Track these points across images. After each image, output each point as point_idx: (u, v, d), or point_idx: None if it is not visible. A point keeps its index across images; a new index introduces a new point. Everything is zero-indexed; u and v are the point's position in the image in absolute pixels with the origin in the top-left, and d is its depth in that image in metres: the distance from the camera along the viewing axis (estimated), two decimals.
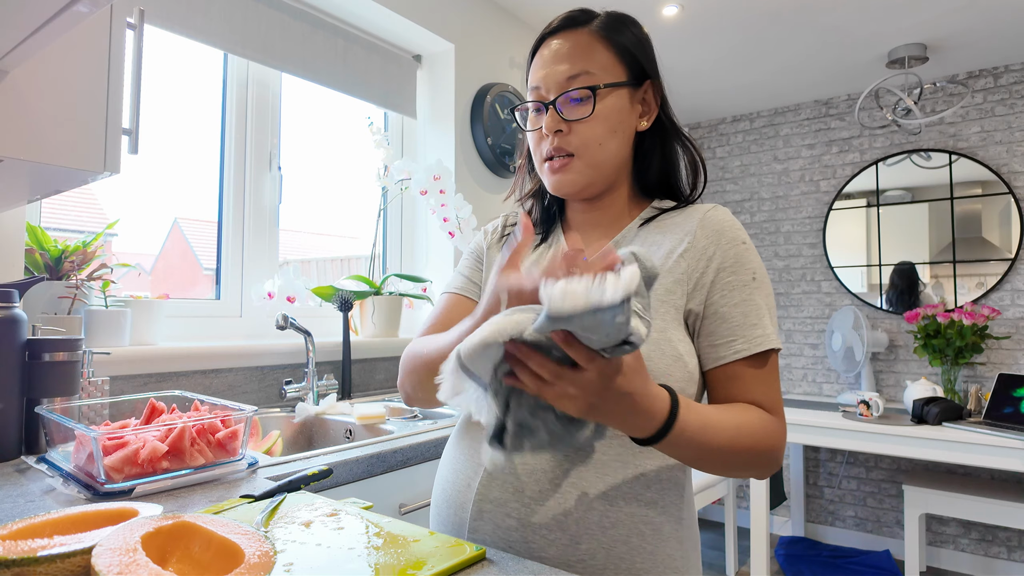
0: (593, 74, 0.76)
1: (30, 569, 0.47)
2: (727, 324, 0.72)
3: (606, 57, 0.77)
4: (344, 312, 1.76)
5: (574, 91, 0.76)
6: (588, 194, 0.81)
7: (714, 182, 3.61)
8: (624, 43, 0.78)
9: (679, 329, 0.73)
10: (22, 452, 1.00)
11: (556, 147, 0.78)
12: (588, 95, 0.76)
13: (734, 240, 0.75)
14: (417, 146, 2.28)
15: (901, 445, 2.25)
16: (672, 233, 0.78)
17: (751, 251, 0.76)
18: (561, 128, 0.77)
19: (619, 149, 0.79)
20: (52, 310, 1.24)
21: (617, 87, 0.77)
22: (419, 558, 0.58)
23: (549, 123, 0.77)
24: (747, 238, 0.77)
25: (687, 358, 0.72)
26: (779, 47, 2.66)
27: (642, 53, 0.80)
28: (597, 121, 0.76)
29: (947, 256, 2.93)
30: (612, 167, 0.80)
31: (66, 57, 0.81)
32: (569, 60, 0.77)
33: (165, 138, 1.64)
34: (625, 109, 0.78)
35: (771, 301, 0.75)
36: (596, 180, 0.79)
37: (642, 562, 0.70)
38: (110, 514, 0.59)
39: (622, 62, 0.78)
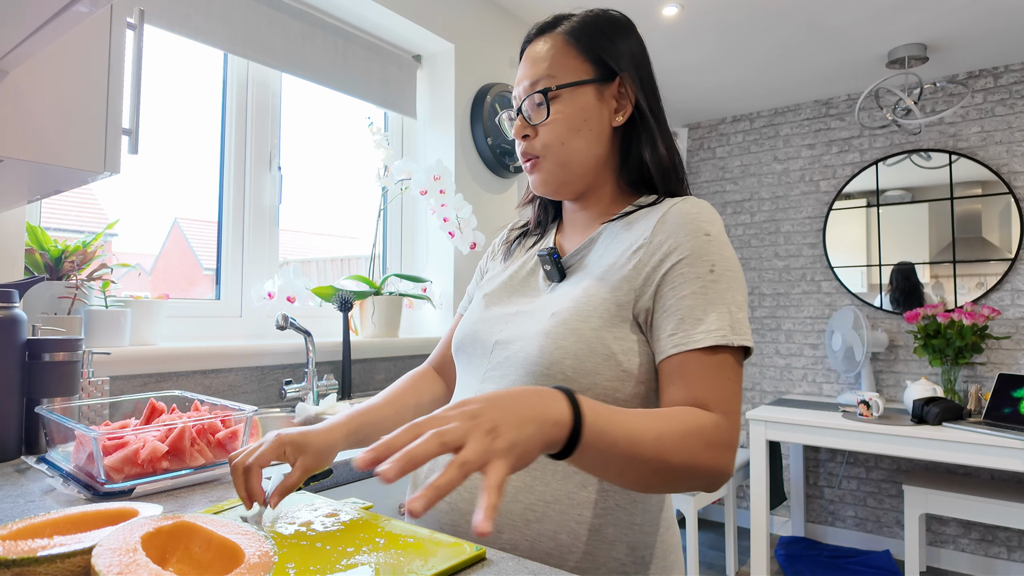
0: (554, 77, 0.79)
1: (30, 569, 0.47)
2: (672, 318, 0.69)
3: (569, 58, 0.80)
4: (344, 312, 1.76)
5: (534, 95, 0.80)
6: (568, 193, 0.83)
7: (714, 182, 3.61)
8: (591, 42, 0.80)
9: (618, 327, 0.71)
10: (22, 452, 1.00)
11: (523, 150, 0.83)
12: (544, 100, 0.79)
13: (695, 232, 0.72)
14: (417, 146, 2.28)
15: (901, 445, 2.25)
16: (636, 229, 0.77)
17: (715, 243, 0.72)
18: (527, 132, 0.81)
19: (588, 147, 0.80)
20: (52, 310, 1.24)
21: (578, 86, 0.79)
22: (419, 558, 0.58)
23: (515, 128, 0.83)
24: (714, 230, 0.73)
25: (620, 356, 0.71)
26: (779, 47, 2.66)
27: (611, 49, 0.80)
28: (557, 122, 0.79)
29: (947, 256, 2.93)
30: (584, 165, 0.81)
31: (66, 57, 0.81)
32: (535, 66, 0.81)
33: (165, 138, 1.64)
34: (591, 107, 0.79)
35: (733, 295, 0.70)
36: (569, 179, 0.81)
37: (576, 562, 0.69)
38: (110, 514, 0.59)
39: (588, 60, 0.80)
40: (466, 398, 0.53)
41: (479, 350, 0.81)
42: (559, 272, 0.81)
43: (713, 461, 0.63)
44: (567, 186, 0.82)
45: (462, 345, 0.84)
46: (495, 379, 0.76)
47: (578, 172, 0.81)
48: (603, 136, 0.81)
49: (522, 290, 0.85)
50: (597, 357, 0.70)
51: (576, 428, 0.55)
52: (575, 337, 0.71)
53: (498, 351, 0.78)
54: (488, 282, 0.91)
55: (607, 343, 0.71)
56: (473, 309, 0.88)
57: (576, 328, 0.71)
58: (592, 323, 0.71)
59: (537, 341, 0.73)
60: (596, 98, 0.80)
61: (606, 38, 0.81)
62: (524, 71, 0.83)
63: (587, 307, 0.72)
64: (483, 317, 0.84)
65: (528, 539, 0.69)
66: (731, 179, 3.55)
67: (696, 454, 0.61)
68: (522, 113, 0.82)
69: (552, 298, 0.78)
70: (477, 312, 0.86)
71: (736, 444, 0.66)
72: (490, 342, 0.80)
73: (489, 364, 0.78)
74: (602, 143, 0.81)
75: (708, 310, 0.69)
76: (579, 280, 0.77)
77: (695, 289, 0.70)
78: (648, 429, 0.59)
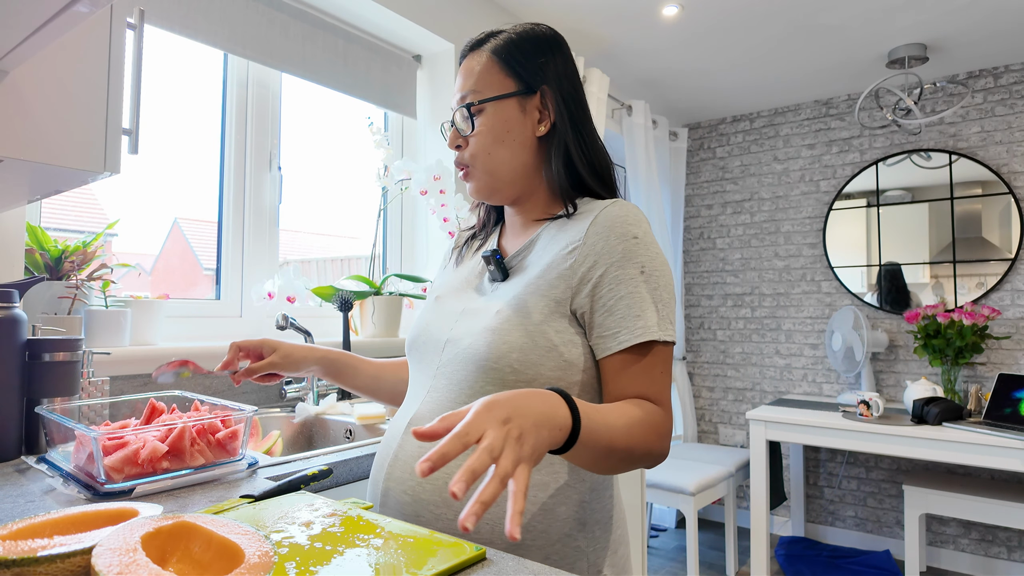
0: (479, 92, 0.85)
1: (30, 569, 0.47)
2: (612, 316, 0.76)
3: (495, 74, 0.86)
4: (344, 312, 1.76)
5: (462, 108, 0.86)
6: (501, 198, 0.89)
7: (714, 182, 3.61)
8: (511, 59, 0.86)
9: (558, 321, 0.77)
10: (22, 452, 1.00)
11: (456, 160, 0.90)
12: (467, 114, 0.86)
13: (623, 235, 0.78)
14: (417, 146, 2.28)
15: (901, 445, 2.25)
16: (570, 230, 0.82)
17: (642, 244, 0.78)
18: (460, 143, 0.88)
19: (513, 155, 0.86)
20: (52, 310, 1.24)
21: (500, 99, 0.85)
22: (419, 558, 0.58)
23: (450, 140, 0.89)
24: (640, 232, 0.79)
25: (562, 348, 0.77)
26: (779, 47, 2.66)
27: (529, 65, 0.86)
28: (482, 134, 0.85)
29: (947, 256, 2.93)
30: (511, 172, 0.86)
31: (66, 57, 0.81)
32: (464, 81, 0.87)
33: (165, 138, 1.64)
34: (514, 119, 0.85)
35: (663, 294, 0.77)
36: (499, 186, 0.87)
37: (532, 540, 0.75)
38: (110, 514, 0.59)
39: (509, 76, 0.86)
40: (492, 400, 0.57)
41: (431, 348, 0.86)
42: (502, 272, 0.86)
43: (660, 447, 0.74)
44: (498, 192, 0.88)
45: (415, 344, 0.89)
46: (446, 374, 0.81)
47: (506, 179, 0.87)
48: (527, 145, 0.86)
49: (470, 289, 0.90)
50: (540, 349, 0.76)
51: (575, 430, 0.61)
52: (519, 332, 0.76)
53: (449, 348, 0.83)
54: (440, 285, 0.96)
55: (548, 336, 0.76)
56: (425, 310, 0.93)
57: (521, 323, 0.77)
58: (534, 318, 0.77)
59: (485, 337, 0.77)
60: (519, 110, 0.85)
61: (527, 55, 0.86)
62: (457, 85, 0.89)
63: (528, 303, 0.78)
64: (435, 316, 0.89)
65: (488, 522, 0.74)
66: (731, 179, 3.55)
67: (650, 442, 0.72)
68: (454, 125, 0.88)
69: (496, 296, 0.83)
70: (429, 313, 0.91)
71: (670, 428, 0.75)
72: (441, 340, 0.84)
73: (440, 360, 0.83)
74: (527, 152, 0.87)
75: (644, 308, 0.76)
76: (520, 278, 0.83)
77: (630, 289, 0.76)
78: (619, 424, 0.68)
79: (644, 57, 2.75)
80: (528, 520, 0.75)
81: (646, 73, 2.93)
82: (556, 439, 0.59)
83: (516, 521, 0.48)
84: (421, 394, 0.84)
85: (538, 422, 0.58)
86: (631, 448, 0.69)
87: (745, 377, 3.45)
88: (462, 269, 0.95)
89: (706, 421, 3.56)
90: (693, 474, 2.61)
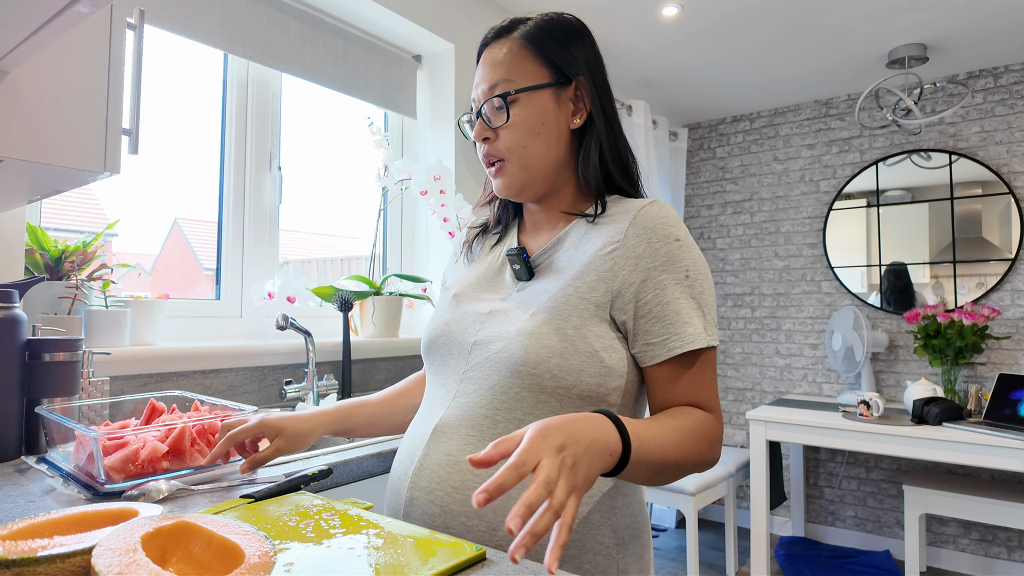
0: (512, 81, 0.81)
1: (30, 569, 0.47)
2: (660, 323, 0.74)
3: (529, 63, 0.81)
4: (344, 312, 1.76)
5: (493, 99, 0.81)
6: (530, 195, 0.85)
7: (714, 182, 3.61)
8: (546, 47, 0.82)
9: (598, 325, 0.75)
10: (22, 452, 1.00)
11: (486, 153, 0.84)
12: (503, 103, 0.81)
13: (666, 238, 0.76)
14: (417, 146, 2.28)
15: (901, 445, 2.25)
16: (606, 230, 0.79)
17: (685, 248, 0.76)
18: (488, 135, 0.83)
19: (548, 149, 0.82)
20: (52, 310, 1.24)
21: (535, 90, 0.81)
22: (419, 558, 0.58)
23: (476, 131, 0.84)
24: (682, 234, 0.77)
25: (603, 354, 0.74)
26: (779, 47, 2.66)
27: (565, 54, 0.82)
28: (516, 126, 0.81)
29: (947, 256, 2.93)
30: (545, 167, 0.83)
31: (66, 57, 0.81)
32: (492, 70, 0.82)
33: (165, 138, 1.64)
34: (549, 110, 0.81)
35: (707, 298, 0.76)
36: (531, 181, 0.83)
37: (567, 550, 0.72)
38: (110, 514, 0.59)
39: (545, 65, 0.82)
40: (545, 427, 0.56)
41: (455, 350, 0.82)
42: (528, 271, 0.82)
43: (711, 454, 0.73)
44: (529, 189, 0.84)
45: (435, 345, 0.85)
46: (475, 379, 0.78)
47: (539, 175, 0.83)
48: (562, 138, 0.83)
49: (491, 288, 0.86)
50: (580, 355, 0.73)
51: (626, 452, 0.61)
52: (558, 336, 0.73)
53: (477, 351, 0.79)
54: (456, 282, 0.92)
55: (589, 341, 0.74)
56: (443, 309, 0.88)
57: (558, 327, 0.74)
58: (573, 322, 0.74)
59: (520, 341, 0.74)
60: (554, 101, 0.82)
61: (561, 43, 0.83)
62: (482, 74, 0.84)
63: (566, 306, 0.75)
64: (455, 317, 0.85)
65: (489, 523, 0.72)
66: (731, 179, 3.55)
67: (703, 452, 0.71)
68: (482, 116, 0.83)
69: (525, 297, 0.80)
70: (448, 312, 0.87)
71: (721, 435, 0.75)
72: (467, 343, 0.81)
73: (468, 364, 0.79)
74: (561, 145, 0.83)
75: (692, 314, 0.74)
76: (551, 279, 0.79)
77: (677, 295, 0.74)
78: (671, 439, 0.67)
79: (644, 57, 2.75)
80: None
81: (646, 73, 2.93)
82: (607, 464, 0.59)
83: (556, 554, 0.48)
84: (446, 399, 0.80)
85: (591, 449, 0.57)
86: (683, 461, 0.68)
87: (745, 377, 3.45)
88: (478, 266, 0.91)
89: None
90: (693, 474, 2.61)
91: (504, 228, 0.94)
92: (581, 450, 0.56)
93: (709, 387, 0.75)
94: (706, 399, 0.74)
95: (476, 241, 0.96)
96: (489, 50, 0.84)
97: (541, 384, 0.73)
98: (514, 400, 0.74)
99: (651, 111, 3.37)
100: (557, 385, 0.73)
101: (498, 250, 0.91)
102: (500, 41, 0.83)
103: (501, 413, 0.74)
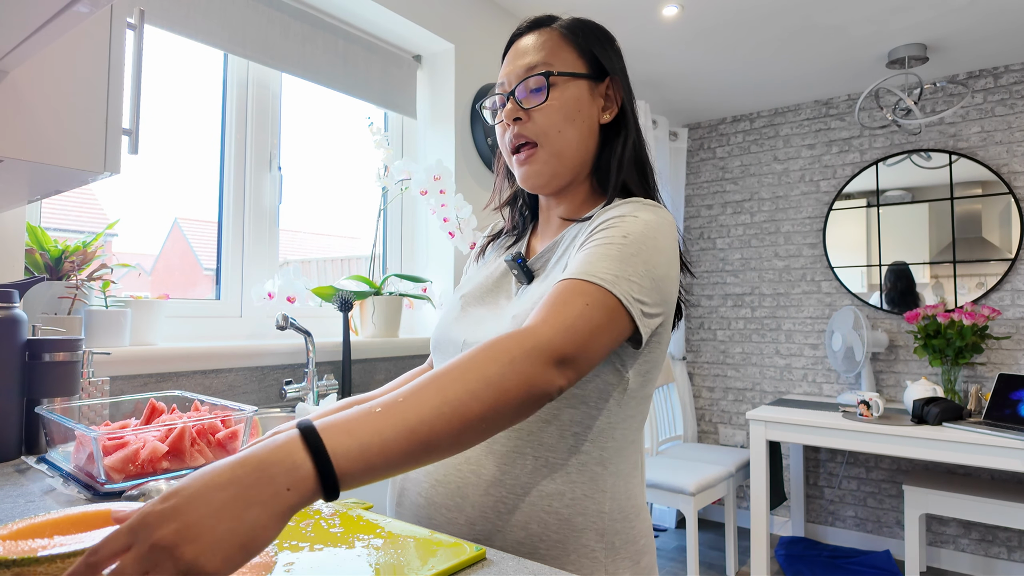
0: (550, 63, 0.80)
1: (30, 569, 0.47)
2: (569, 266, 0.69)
3: (567, 52, 0.81)
4: (344, 312, 1.76)
5: (531, 79, 0.80)
6: (554, 187, 0.83)
7: (714, 182, 3.61)
8: (585, 41, 0.82)
9: None
10: (22, 452, 1.00)
11: (516, 134, 0.81)
12: (543, 83, 0.79)
13: (627, 213, 0.73)
14: (417, 146, 2.28)
15: (901, 445, 2.25)
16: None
17: (641, 223, 0.71)
18: (520, 116, 0.80)
19: (580, 139, 0.81)
20: (52, 310, 1.24)
21: (574, 77, 0.80)
22: (419, 558, 0.58)
23: (508, 111, 0.81)
24: (652, 217, 0.73)
25: None
26: (779, 47, 2.66)
27: (603, 51, 0.83)
28: (553, 108, 0.79)
29: (947, 256, 2.93)
30: (575, 157, 0.81)
31: (66, 57, 0.81)
32: (530, 54, 0.81)
33: (165, 138, 1.64)
34: (584, 99, 0.81)
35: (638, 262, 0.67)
36: (560, 171, 0.81)
37: (547, 549, 0.72)
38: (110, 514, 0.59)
39: (582, 58, 0.82)
40: (171, 491, 0.42)
41: (451, 351, 0.83)
42: (527, 276, 0.82)
43: (511, 371, 0.55)
44: (557, 178, 0.82)
45: (438, 345, 0.87)
46: None
47: (568, 165, 0.81)
48: (593, 131, 0.82)
49: (496, 292, 0.86)
50: None
51: (327, 466, 0.45)
52: None
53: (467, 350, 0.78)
54: (465, 283, 0.92)
55: None
56: (450, 310, 0.89)
57: None
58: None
59: None
60: (589, 93, 0.82)
61: (599, 40, 0.84)
62: (517, 59, 0.82)
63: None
64: (458, 318, 0.86)
65: (500, 530, 0.72)
66: (731, 179, 3.55)
67: (487, 375, 0.54)
68: (514, 97, 0.81)
69: (522, 300, 0.80)
70: (454, 313, 0.88)
71: (547, 341, 0.58)
72: (460, 342, 0.82)
73: None
74: (592, 138, 0.83)
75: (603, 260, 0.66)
76: (546, 282, 0.79)
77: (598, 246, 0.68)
78: (424, 406, 0.51)
79: (644, 57, 2.75)
80: (543, 530, 0.71)
81: (646, 73, 2.93)
82: (288, 499, 0.43)
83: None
84: None
85: (224, 507, 0.41)
86: (465, 417, 0.52)
87: (745, 377, 3.45)
88: (487, 269, 0.92)
89: (706, 421, 3.56)
90: (693, 474, 2.61)
91: (521, 231, 0.94)
92: (194, 518, 0.40)
93: (560, 304, 0.62)
94: (540, 310, 0.62)
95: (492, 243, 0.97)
96: (524, 38, 0.84)
97: None
98: None
99: (651, 111, 3.37)
100: None
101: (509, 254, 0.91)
102: (538, 31, 0.83)
103: None
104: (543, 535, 0.72)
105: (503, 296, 0.85)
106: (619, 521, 0.76)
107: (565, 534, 0.72)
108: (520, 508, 0.72)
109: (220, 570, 0.39)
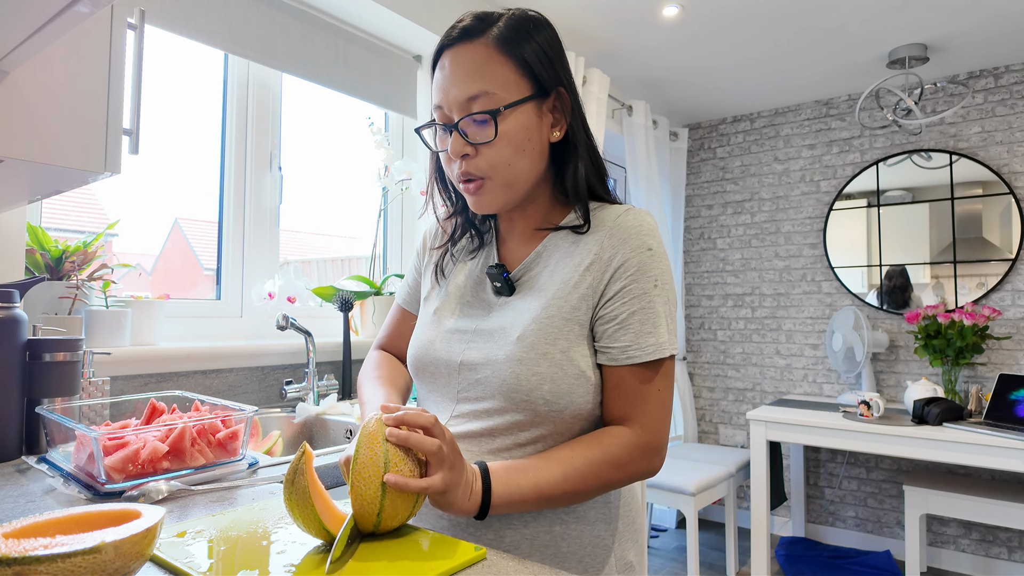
0: (493, 93, 0.74)
1: (31, 568, 0.47)
2: (624, 331, 0.75)
3: (506, 72, 0.75)
4: (344, 312, 1.76)
5: (476, 114, 0.74)
6: (509, 207, 0.81)
7: (714, 182, 3.61)
8: (524, 55, 0.75)
9: (582, 345, 0.76)
10: (23, 452, 1.00)
11: (464, 171, 0.77)
12: (489, 118, 0.74)
13: (639, 247, 0.76)
14: (417, 146, 2.28)
15: (901, 445, 2.25)
16: (584, 243, 0.79)
17: (656, 257, 0.77)
18: (468, 152, 0.76)
19: (532, 165, 0.78)
20: (53, 310, 1.24)
21: (520, 104, 0.75)
22: (419, 558, 0.58)
23: (455, 147, 0.76)
24: (655, 243, 0.77)
25: (588, 372, 0.76)
26: (779, 47, 2.66)
27: (545, 62, 0.77)
28: (502, 143, 0.75)
29: (948, 256, 2.93)
30: (527, 182, 0.79)
31: (66, 57, 0.81)
32: (468, 79, 0.74)
33: (165, 138, 1.64)
34: (533, 124, 0.77)
35: (670, 308, 0.77)
36: (513, 196, 0.79)
37: (567, 546, 0.77)
38: (112, 515, 0.59)
39: (524, 75, 0.76)
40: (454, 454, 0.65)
41: (443, 370, 0.81)
42: (509, 287, 0.81)
43: (627, 476, 0.74)
44: (510, 203, 0.80)
45: (422, 365, 0.84)
46: (471, 400, 0.79)
47: (521, 191, 0.79)
48: (544, 153, 0.80)
49: (474, 303, 0.84)
50: (570, 378, 0.74)
51: (484, 503, 0.68)
52: (548, 362, 0.74)
53: (467, 373, 0.79)
54: (434, 296, 0.89)
55: (576, 362, 0.75)
56: (425, 326, 0.87)
57: (546, 352, 0.74)
58: (560, 345, 0.75)
59: (510, 368, 0.74)
60: (536, 115, 0.77)
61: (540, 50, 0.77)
62: (455, 84, 0.75)
63: (551, 328, 0.75)
64: (439, 335, 0.83)
65: (528, 537, 0.76)
66: (731, 179, 3.55)
67: (605, 478, 0.73)
68: (459, 130, 0.75)
69: (509, 315, 0.79)
70: (431, 329, 0.85)
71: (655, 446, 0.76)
72: (455, 363, 0.80)
73: (460, 385, 0.80)
74: (543, 159, 0.80)
75: (657, 324, 0.75)
76: (534, 297, 0.78)
77: (643, 304, 0.75)
78: (554, 474, 0.71)
79: (644, 57, 2.75)
80: (563, 528, 0.76)
81: (646, 73, 2.93)
82: (466, 506, 0.66)
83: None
84: (443, 417, 0.81)
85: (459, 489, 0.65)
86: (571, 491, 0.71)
87: (745, 377, 3.45)
88: (456, 278, 0.88)
89: (706, 421, 3.56)
90: (693, 474, 2.61)
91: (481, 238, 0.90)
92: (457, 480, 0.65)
93: (651, 400, 0.75)
94: (641, 414, 0.75)
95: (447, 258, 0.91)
96: (457, 53, 0.76)
97: (535, 409, 0.74)
98: (510, 422, 0.76)
99: (651, 111, 3.37)
100: (550, 409, 0.74)
101: (476, 262, 0.88)
102: (470, 45, 0.75)
103: (498, 431, 0.77)
104: (564, 534, 0.77)
105: (480, 308, 0.83)
106: (622, 507, 0.83)
107: (581, 529, 0.78)
108: (544, 514, 0.76)
109: (439, 504, 0.65)
